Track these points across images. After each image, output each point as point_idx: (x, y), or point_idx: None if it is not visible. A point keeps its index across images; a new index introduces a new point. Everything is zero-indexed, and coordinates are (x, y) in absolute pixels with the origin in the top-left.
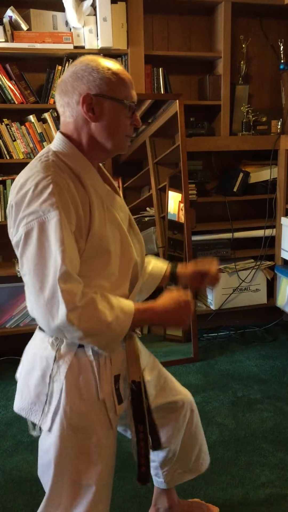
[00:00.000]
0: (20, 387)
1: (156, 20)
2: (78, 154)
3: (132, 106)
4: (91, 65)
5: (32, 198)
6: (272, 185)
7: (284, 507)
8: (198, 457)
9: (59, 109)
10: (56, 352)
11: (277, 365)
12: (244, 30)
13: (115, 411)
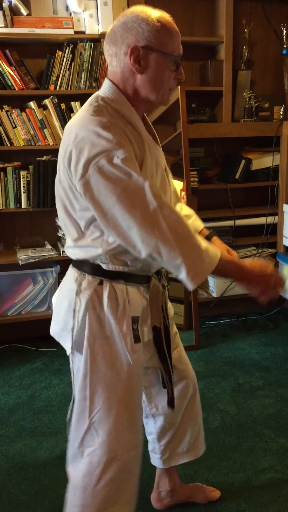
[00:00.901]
0: (54, 315)
1: (158, 4)
2: (125, 100)
3: (178, 60)
4: (141, 16)
5: (94, 140)
6: (274, 172)
7: (285, 491)
8: (195, 440)
9: (107, 58)
10: (77, 286)
11: (279, 352)
12: (247, 15)
13: (131, 348)
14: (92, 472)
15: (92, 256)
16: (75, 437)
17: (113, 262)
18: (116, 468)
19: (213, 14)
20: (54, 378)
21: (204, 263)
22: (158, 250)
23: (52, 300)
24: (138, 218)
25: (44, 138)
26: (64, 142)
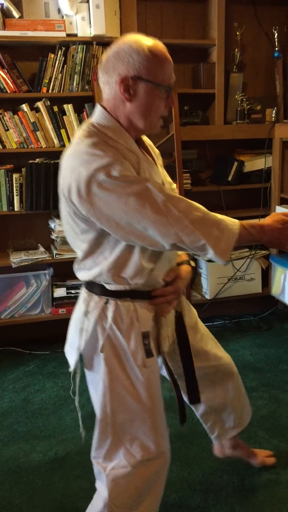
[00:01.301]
0: (68, 334)
1: (150, 7)
2: (117, 125)
3: (168, 89)
4: (133, 47)
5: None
6: (267, 174)
7: (280, 493)
8: (241, 416)
9: (100, 85)
10: (86, 307)
11: (272, 354)
12: (238, 18)
13: (143, 364)
14: (117, 486)
15: (95, 276)
16: (98, 454)
17: (115, 281)
18: (141, 478)
19: (205, 17)
20: (47, 381)
21: (226, 235)
22: (179, 239)
23: None
24: (151, 217)
25: (37, 141)
26: (61, 171)
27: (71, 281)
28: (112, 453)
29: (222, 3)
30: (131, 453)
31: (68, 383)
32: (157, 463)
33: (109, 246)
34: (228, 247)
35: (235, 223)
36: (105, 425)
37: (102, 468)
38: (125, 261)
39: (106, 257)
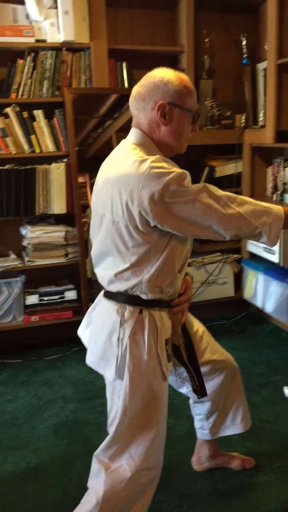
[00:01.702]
0: (91, 345)
1: (119, 13)
2: (154, 146)
3: (195, 114)
4: (166, 78)
5: (157, 175)
6: (237, 179)
7: (253, 495)
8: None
9: (134, 112)
10: (121, 317)
11: (245, 357)
12: (207, 25)
13: (166, 368)
14: (114, 488)
15: (132, 286)
16: (104, 453)
17: (151, 291)
18: (137, 486)
19: (174, 24)
20: (20, 390)
21: (275, 221)
22: (240, 230)
23: (80, 332)
24: (215, 216)
25: (6, 147)
26: (120, 190)
27: (44, 288)
28: (117, 455)
29: (190, 10)
30: (134, 460)
31: (42, 392)
32: (153, 473)
33: (154, 259)
34: (279, 230)
35: (280, 210)
36: (121, 429)
37: (104, 466)
38: (164, 271)
39: (149, 268)
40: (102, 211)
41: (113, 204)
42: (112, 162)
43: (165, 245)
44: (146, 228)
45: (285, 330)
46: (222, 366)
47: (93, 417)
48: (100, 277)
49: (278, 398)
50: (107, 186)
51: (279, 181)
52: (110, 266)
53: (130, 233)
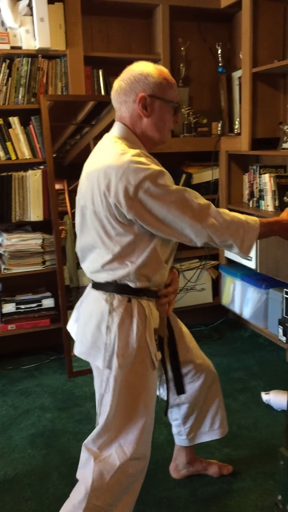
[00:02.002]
0: (79, 336)
1: (95, 21)
2: (136, 139)
3: (176, 106)
4: (146, 71)
5: (135, 169)
6: (214, 185)
7: (230, 502)
8: (218, 421)
9: (116, 105)
10: (109, 306)
11: (224, 362)
12: (183, 33)
13: (155, 356)
14: (102, 477)
15: (120, 276)
16: (93, 442)
17: (139, 279)
18: (125, 476)
19: (150, 32)
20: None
21: (249, 234)
22: (211, 239)
23: (69, 327)
24: (188, 221)
25: None
26: (99, 180)
27: (21, 296)
28: (107, 445)
29: (166, 19)
30: (123, 449)
31: (19, 401)
32: (141, 464)
33: (140, 249)
34: (251, 244)
35: (256, 222)
36: (111, 419)
37: (93, 455)
38: (151, 261)
39: (136, 258)
40: (84, 203)
41: (93, 195)
42: (95, 155)
43: (150, 236)
44: (124, 219)
45: (263, 336)
46: (202, 370)
47: (71, 426)
48: (87, 269)
49: (256, 404)
50: (88, 178)
51: (255, 188)
52: (96, 258)
53: (110, 223)
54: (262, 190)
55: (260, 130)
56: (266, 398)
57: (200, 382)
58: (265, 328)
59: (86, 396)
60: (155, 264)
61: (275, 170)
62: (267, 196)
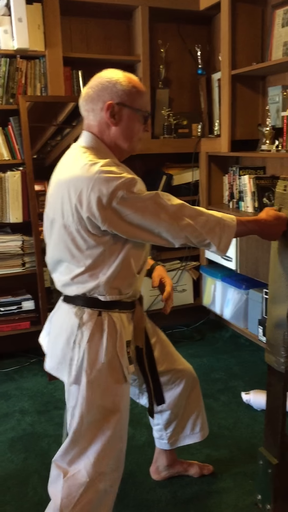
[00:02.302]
0: (49, 351)
1: (74, 22)
2: (105, 148)
3: (146, 114)
4: (115, 78)
5: (107, 179)
6: (194, 187)
7: (210, 502)
8: (199, 424)
9: (83, 113)
10: (79, 320)
11: (205, 363)
12: (162, 35)
13: (127, 370)
14: (71, 494)
15: (90, 289)
16: (62, 458)
17: (109, 292)
18: (95, 491)
19: (130, 33)
20: None
21: (226, 233)
22: (188, 240)
23: (41, 339)
24: (165, 225)
25: None
26: (69, 193)
27: (0, 298)
28: (75, 460)
29: (145, 21)
30: (91, 464)
31: None
32: (113, 477)
33: (111, 261)
34: (228, 242)
35: (233, 220)
36: (79, 434)
37: (62, 472)
38: (122, 273)
39: (106, 270)
40: (53, 216)
41: (63, 209)
42: (63, 166)
43: (121, 247)
44: (97, 231)
45: (243, 336)
46: (182, 375)
47: (51, 429)
48: (57, 282)
49: (236, 404)
50: (57, 190)
51: (235, 189)
52: (65, 271)
53: (82, 236)
54: (242, 191)
55: (239, 132)
56: (246, 398)
57: (181, 388)
58: (246, 328)
59: None
60: (126, 275)
61: (254, 172)
62: (247, 197)
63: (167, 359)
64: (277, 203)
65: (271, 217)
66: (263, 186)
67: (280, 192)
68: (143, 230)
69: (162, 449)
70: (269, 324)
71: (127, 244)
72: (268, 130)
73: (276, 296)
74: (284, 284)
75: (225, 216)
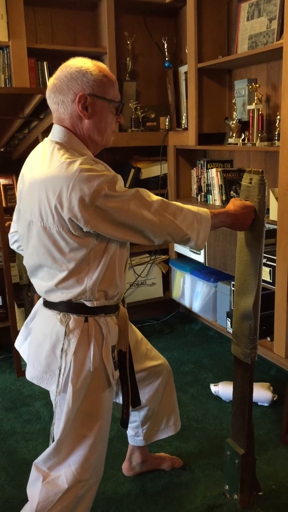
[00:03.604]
0: (31, 359)
1: (39, 12)
2: (79, 142)
3: (119, 105)
4: (84, 67)
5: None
6: (163, 180)
7: (179, 494)
8: (169, 419)
9: (52, 106)
10: (65, 327)
11: (174, 356)
12: (129, 27)
13: (113, 376)
14: (48, 499)
15: (75, 295)
16: (43, 462)
17: (95, 297)
18: (72, 498)
19: (96, 25)
20: None
21: (203, 226)
22: (170, 236)
23: (17, 346)
24: (147, 223)
25: None
26: (47, 194)
27: None
28: (56, 466)
29: (111, 12)
30: (72, 471)
31: None
32: (91, 482)
33: (95, 264)
34: (206, 236)
35: (207, 213)
36: (63, 441)
37: (42, 475)
38: (108, 275)
39: (92, 274)
40: (30, 218)
41: (41, 210)
42: (36, 163)
43: (104, 248)
44: (80, 232)
45: (213, 328)
46: (159, 371)
47: (19, 426)
48: (39, 287)
49: (205, 396)
50: (32, 190)
51: (203, 183)
52: (47, 276)
53: (63, 238)
54: (210, 184)
55: (206, 125)
56: (215, 390)
57: (158, 383)
58: (214, 320)
59: (35, 395)
60: (112, 277)
61: (222, 165)
62: (215, 191)
63: (145, 357)
64: (243, 196)
65: (239, 207)
66: (231, 179)
67: (245, 185)
68: (126, 228)
69: (136, 446)
70: (236, 316)
71: (111, 245)
72: (234, 123)
73: (242, 288)
74: (250, 276)
75: (200, 210)
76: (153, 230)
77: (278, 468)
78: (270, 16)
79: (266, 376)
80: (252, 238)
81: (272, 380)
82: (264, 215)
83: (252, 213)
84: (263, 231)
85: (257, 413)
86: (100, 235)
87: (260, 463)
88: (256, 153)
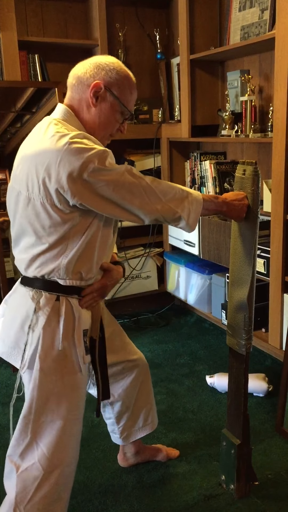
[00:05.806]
0: (2, 335)
1: (29, 4)
2: (79, 125)
3: (127, 112)
4: (115, 65)
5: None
6: (156, 173)
7: (176, 485)
8: (147, 416)
9: (71, 81)
10: (36, 304)
11: (169, 349)
12: (120, 19)
13: (83, 359)
14: (26, 489)
15: (49, 271)
16: (14, 451)
17: (69, 276)
18: (51, 485)
19: (87, 17)
20: None
21: (195, 206)
22: (159, 215)
23: None
24: (137, 201)
25: None
26: (36, 166)
27: None
28: (28, 452)
29: (102, 4)
30: (45, 455)
31: None
32: (67, 470)
33: (74, 242)
34: (197, 216)
35: (199, 196)
36: (27, 422)
37: (15, 466)
38: (84, 256)
39: (68, 252)
40: (18, 189)
41: (28, 181)
42: (31, 138)
43: (86, 227)
44: (65, 206)
45: (208, 321)
46: (134, 365)
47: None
48: (18, 260)
49: (201, 388)
50: (24, 162)
51: (196, 175)
52: (26, 248)
53: (47, 211)
54: (203, 177)
55: (199, 117)
56: (210, 381)
57: (132, 377)
58: (209, 312)
59: None
60: (89, 259)
61: (215, 157)
62: (208, 183)
63: (121, 349)
64: (236, 187)
65: (234, 196)
66: (224, 171)
67: (239, 177)
68: (114, 204)
69: None
70: (230, 308)
71: (94, 224)
72: (227, 115)
73: (237, 280)
74: (244, 267)
75: (191, 191)
76: (143, 207)
77: (274, 457)
78: (262, 7)
79: (261, 367)
80: (246, 230)
81: (267, 371)
82: (258, 207)
83: (246, 201)
84: (257, 222)
85: (252, 403)
86: (84, 212)
87: (256, 453)
88: (249, 145)
